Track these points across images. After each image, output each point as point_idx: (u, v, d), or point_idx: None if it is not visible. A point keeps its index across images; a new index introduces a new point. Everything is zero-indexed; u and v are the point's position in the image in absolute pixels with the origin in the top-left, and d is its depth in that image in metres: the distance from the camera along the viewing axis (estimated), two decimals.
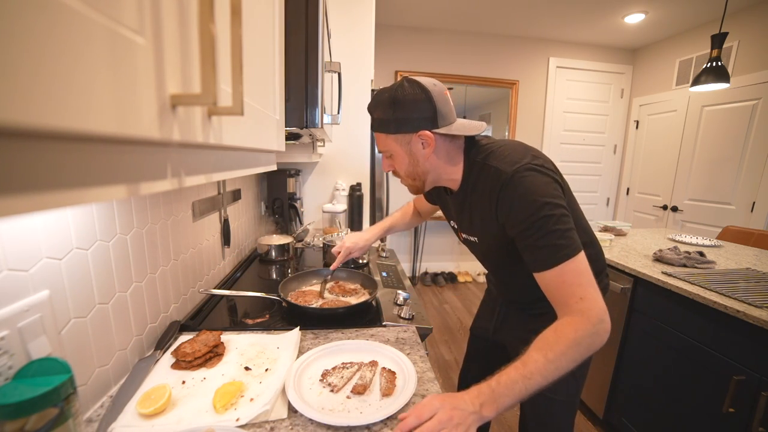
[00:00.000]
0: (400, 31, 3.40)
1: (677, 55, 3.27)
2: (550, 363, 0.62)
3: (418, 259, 3.80)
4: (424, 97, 0.75)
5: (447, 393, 0.64)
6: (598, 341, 0.66)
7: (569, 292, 0.67)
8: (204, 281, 1.15)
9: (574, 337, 0.64)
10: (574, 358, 0.64)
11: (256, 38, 0.51)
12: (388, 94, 0.77)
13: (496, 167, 0.75)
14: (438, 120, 0.76)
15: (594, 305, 0.66)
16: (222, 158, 0.43)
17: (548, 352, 0.63)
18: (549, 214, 0.68)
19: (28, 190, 0.16)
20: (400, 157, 0.81)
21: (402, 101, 0.75)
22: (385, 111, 0.77)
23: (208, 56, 0.27)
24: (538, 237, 0.69)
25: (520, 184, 0.71)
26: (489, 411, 0.60)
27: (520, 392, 0.61)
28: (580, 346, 0.64)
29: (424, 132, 0.76)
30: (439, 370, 2.22)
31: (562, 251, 0.67)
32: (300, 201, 2.13)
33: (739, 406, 1.11)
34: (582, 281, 0.67)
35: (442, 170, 0.83)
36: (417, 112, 0.75)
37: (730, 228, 2.17)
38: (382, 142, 0.81)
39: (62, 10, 0.16)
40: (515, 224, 0.72)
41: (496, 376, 0.63)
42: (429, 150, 0.78)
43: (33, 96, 0.15)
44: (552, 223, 0.68)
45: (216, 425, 0.58)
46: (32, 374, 0.45)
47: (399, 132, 0.77)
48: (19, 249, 0.51)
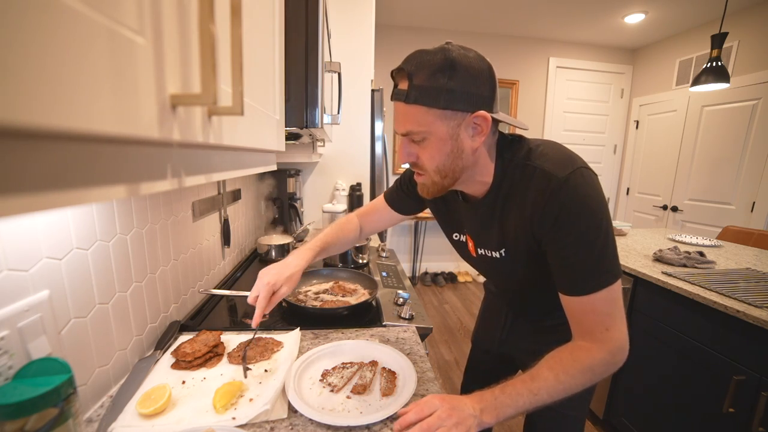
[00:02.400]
0: (400, 31, 3.40)
1: (677, 55, 3.27)
2: (559, 383, 0.60)
3: (418, 259, 3.80)
4: (486, 70, 0.59)
5: (448, 394, 0.62)
6: (612, 369, 0.62)
7: (597, 320, 0.61)
8: (204, 281, 1.15)
9: (590, 365, 0.61)
10: (584, 383, 0.61)
11: (256, 38, 0.51)
12: (441, 54, 0.58)
13: (543, 169, 0.62)
14: (495, 104, 0.61)
15: (619, 336, 0.61)
16: (222, 158, 0.43)
17: (560, 373, 0.60)
18: (603, 232, 0.59)
19: (28, 190, 0.16)
20: (440, 142, 0.61)
21: (463, 67, 0.57)
22: (434, 76, 0.57)
23: (208, 56, 0.27)
24: (583, 256, 0.59)
25: (576, 190, 0.59)
26: (489, 418, 0.58)
27: (523, 406, 0.59)
28: (593, 374, 0.61)
29: (482, 113, 0.59)
30: (439, 370, 2.22)
31: (604, 277, 0.59)
32: (300, 201, 2.13)
33: (739, 406, 1.11)
34: (613, 311, 0.61)
35: (480, 167, 0.67)
36: (476, 86, 0.58)
37: (730, 228, 2.17)
38: (418, 118, 0.60)
39: (63, 11, 0.16)
40: (558, 236, 0.60)
41: (501, 386, 0.61)
42: (480, 139, 0.62)
43: (33, 96, 0.15)
44: (601, 242, 0.59)
45: (216, 425, 0.58)
46: (32, 374, 0.45)
47: (450, 107, 0.58)
48: (19, 249, 0.51)
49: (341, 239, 0.94)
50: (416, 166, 0.67)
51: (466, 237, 0.80)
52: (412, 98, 0.59)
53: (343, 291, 1.15)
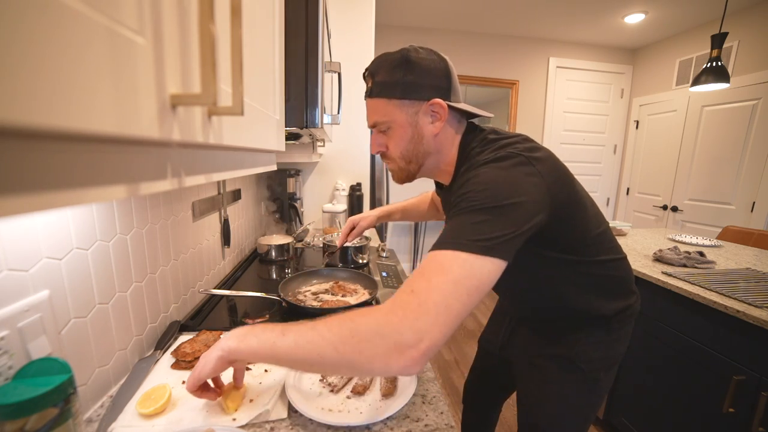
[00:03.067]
0: (400, 31, 3.40)
1: (677, 55, 3.27)
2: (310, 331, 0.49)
3: (418, 259, 3.79)
4: (441, 66, 0.66)
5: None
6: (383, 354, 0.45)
7: (415, 277, 0.50)
8: (204, 281, 1.15)
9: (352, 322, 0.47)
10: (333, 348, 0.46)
11: (256, 38, 0.51)
12: (399, 54, 0.66)
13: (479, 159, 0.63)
14: (451, 94, 0.67)
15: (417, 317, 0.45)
16: (222, 158, 0.43)
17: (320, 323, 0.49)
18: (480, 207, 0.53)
19: (29, 190, 0.16)
20: (401, 129, 0.68)
21: (416, 63, 0.64)
22: (391, 72, 0.65)
23: (208, 56, 0.27)
24: (455, 222, 0.54)
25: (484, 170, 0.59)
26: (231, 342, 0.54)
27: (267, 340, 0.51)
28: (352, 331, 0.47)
29: (438, 100, 0.65)
30: (439, 370, 2.22)
31: (450, 239, 0.51)
32: (300, 201, 2.13)
33: (739, 406, 1.11)
34: (437, 281, 0.47)
35: (443, 155, 0.72)
36: (431, 79, 0.65)
37: (730, 228, 2.17)
38: (381, 109, 0.68)
39: (63, 11, 0.16)
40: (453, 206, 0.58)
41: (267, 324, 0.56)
42: (439, 125, 0.67)
43: (33, 96, 0.15)
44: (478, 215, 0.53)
45: (216, 425, 0.58)
46: (32, 374, 0.45)
47: (407, 97, 0.65)
48: (19, 249, 0.51)
49: (419, 207, 1.14)
50: (385, 156, 0.74)
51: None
52: (375, 93, 0.68)
53: (343, 291, 1.15)
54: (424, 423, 0.63)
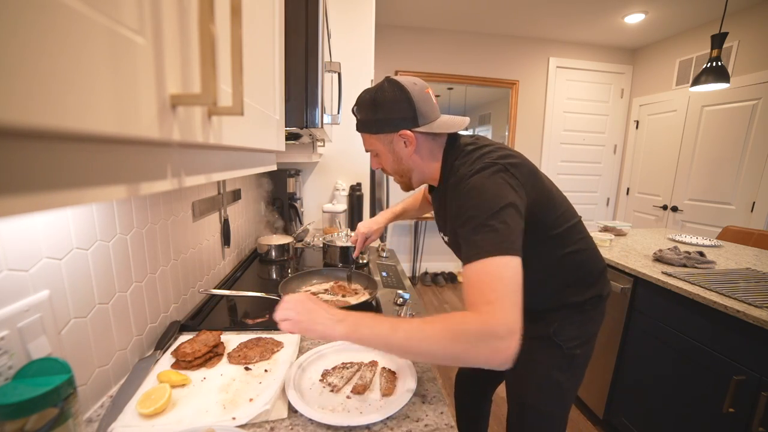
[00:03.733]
0: (400, 31, 3.40)
1: (677, 55, 3.27)
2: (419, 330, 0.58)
3: (418, 259, 3.80)
4: (403, 98, 0.77)
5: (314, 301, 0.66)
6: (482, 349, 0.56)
7: (478, 292, 0.59)
8: (204, 281, 1.15)
9: (456, 327, 0.57)
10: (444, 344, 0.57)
11: (256, 38, 0.51)
12: (369, 95, 0.79)
13: (460, 171, 0.74)
14: (418, 119, 0.78)
15: (500, 315, 0.56)
16: (222, 158, 0.43)
17: (427, 323, 0.58)
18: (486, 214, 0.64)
19: (28, 190, 0.16)
20: (385, 155, 0.84)
21: (382, 102, 0.78)
22: (367, 112, 0.80)
23: (208, 56, 0.27)
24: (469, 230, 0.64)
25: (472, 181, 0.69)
26: (343, 328, 0.61)
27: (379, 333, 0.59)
28: (455, 334, 0.56)
29: (405, 132, 0.78)
30: (439, 370, 2.22)
31: (483, 249, 0.61)
32: (300, 201, 2.13)
33: (739, 406, 1.11)
34: (498, 287, 0.59)
35: (426, 168, 0.85)
36: (397, 113, 0.77)
37: (730, 228, 2.17)
38: (367, 141, 0.85)
39: (62, 10, 0.16)
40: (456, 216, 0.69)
41: (374, 314, 0.64)
42: (411, 148, 0.80)
43: (33, 96, 0.15)
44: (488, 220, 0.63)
45: (216, 425, 0.58)
46: (32, 374, 0.45)
47: (381, 132, 0.80)
48: (19, 249, 0.51)
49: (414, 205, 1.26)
50: (384, 171, 0.90)
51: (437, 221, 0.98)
52: (360, 128, 0.84)
53: (343, 291, 1.15)
54: (424, 423, 0.63)
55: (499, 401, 1.92)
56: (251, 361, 0.78)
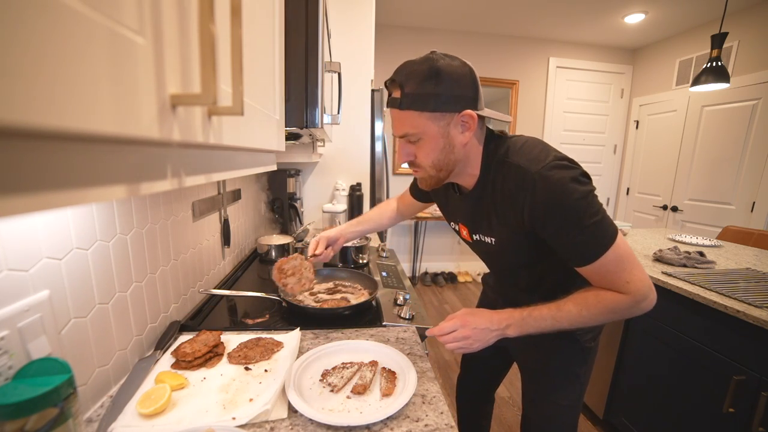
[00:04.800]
0: (400, 31, 3.41)
1: (677, 55, 3.27)
2: (581, 317, 0.69)
3: (418, 259, 3.80)
4: (467, 73, 0.68)
5: (479, 310, 0.74)
6: (636, 312, 0.70)
7: (615, 278, 0.68)
8: (204, 281, 1.15)
9: (613, 307, 0.68)
10: (604, 321, 0.71)
11: (256, 38, 0.51)
12: (428, 64, 0.66)
13: (519, 165, 0.69)
14: (478, 101, 0.70)
15: (640, 286, 0.67)
16: (222, 158, 0.43)
17: (583, 309, 0.69)
18: (583, 210, 0.65)
19: (29, 190, 0.16)
20: (433, 141, 0.70)
21: (447, 74, 0.66)
22: (422, 84, 0.66)
23: (208, 56, 0.27)
24: (575, 234, 0.66)
25: (548, 183, 0.66)
26: (513, 332, 0.72)
27: (545, 329, 0.71)
28: (615, 314, 0.69)
29: (468, 112, 0.68)
30: (439, 370, 2.22)
31: (601, 243, 0.66)
32: (300, 201, 2.13)
33: (739, 406, 1.11)
34: (625, 266, 0.67)
35: (470, 161, 0.76)
36: (461, 89, 0.67)
37: (730, 228, 2.17)
38: (411, 121, 0.69)
39: (63, 11, 0.16)
40: (549, 225, 0.68)
41: (530, 309, 0.72)
42: (468, 134, 0.70)
43: (33, 96, 0.15)
44: (587, 216, 0.65)
45: (216, 425, 0.58)
46: (32, 374, 0.45)
47: (439, 110, 0.67)
48: (19, 249, 0.51)
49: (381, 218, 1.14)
50: (414, 165, 0.76)
51: (459, 226, 0.90)
52: (405, 105, 0.68)
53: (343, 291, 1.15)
54: (424, 423, 0.63)
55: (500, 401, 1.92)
56: (251, 361, 0.78)
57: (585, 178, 0.67)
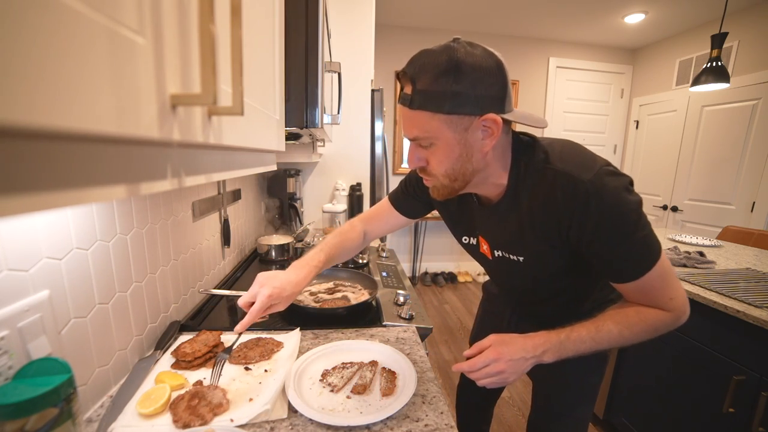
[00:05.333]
0: (400, 31, 3.40)
1: (677, 55, 3.27)
2: (621, 337, 0.64)
3: (418, 259, 3.80)
4: (495, 69, 0.56)
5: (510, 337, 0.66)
6: (673, 327, 0.67)
7: (659, 295, 0.64)
8: (204, 281, 1.15)
9: (654, 326, 0.65)
10: (645, 338, 0.66)
11: (256, 38, 0.51)
12: (445, 55, 0.55)
13: (566, 173, 0.60)
14: (506, 103, 0.58)
15: (683, 301, 0.65)
16: (222, 158, 0.43)
17: (624, 329, 0.64)
18: (638, 222, 0.59)
19: (29, 190, 0.16)
20: (448, 147, 0.59)
21: (468, 69, 0.54)
22: (437, 80, 0.55)
23: (208, 56, 0.27)
24: (624, 249, 0.60)
25: (603, 194, 0.58)
26: (550, 358, 0.64)
27: (583, 351, 0.65)
28: (656, 332, 0.66)
29: (491, 116, 0.56)
30: (439, 370, 2.22)
31: (649, 258, 0.61)
32: (300, 201, 2.13)
33: (739, 406, 1.11)
34: (669, 282, 0.63)
35: (493, 170, 0.65)
36: (484, 87, 0.55)
37: (730, 228, 2.17)
38: (424, 124, 0.58)
39: (63, 11, 0.16)
40: (597, 240, 0.60)
41: (567, 331, 0.65)
42: (490, 142, 0.59)
43: (33, 96, 0.15)
44: (638, 230, 0.59)
45: (216, 425, 0.58)
46: (32, 374, 0.45)
47: (456, 112, 0.56)
48: (19, 249, 0.51)
49: (345, 248, 0.90)
50: (424, 171, 0.66)
51: (479, 239, 0.78)
52: (416, 104, 0.57)
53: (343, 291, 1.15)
54: (424, 423, 0.63)
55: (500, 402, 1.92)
56: (251, 361, 0.78)
57: (632, 186, 0.61)
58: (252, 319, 0.67)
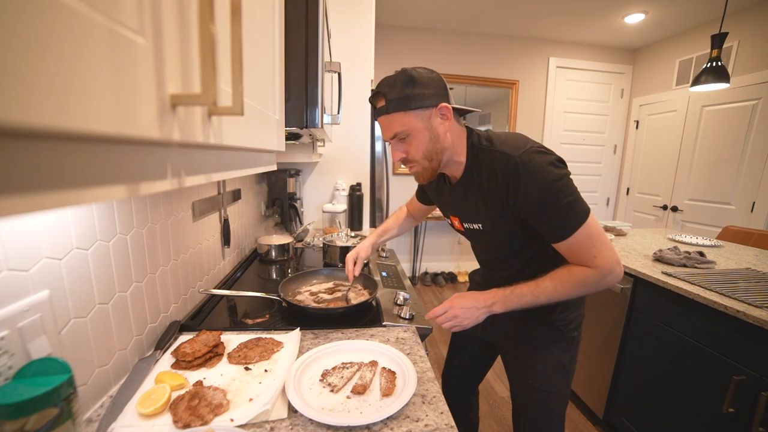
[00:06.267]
0: (400, 31, 3.40)
1: (677, 55, 3.27)
2: (556, 292, 0.80)
3: (418, 259, 3.80)
4: (436, 76, 0.81)
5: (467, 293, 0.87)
6: (604, 285, 0.79)
7: (584, 253, 0.77)
8: (204, 281, 1.15)
9: (582, 280, 0.78)
10: (577, 293, 0.80)
11: (256, 38, 0.51)
12: (402, 76, 0.79)
13: (503, 151, 0.80)
14: (450, 98, 0.82)
15: (606, 261, 0.77)
16: (222, 158, 0.43)
17: (558, 284, 0.80)
18: (559, 190, 0.74)
19: (28, 190, 0.16)
20: (420, 134, 0.81)
21: (419, 78, 0.79)
22: (402, 89, 0.78)
23: (208, 56, 0.27)
24: (552, 212, 0.75)
25: (529, 166, 0.75)
26: (498, 308, 0.83)
27: (526, 303, 0.81)
28: (585, 287, 0.79)
29: (443, 105, 0.79)
30: (438, 370, 2.21)
31: (574, 221, 0.75)
32: (300, 201, 2.13)
33: (739, 406, 1.11)
34: (594, 243, 0.77)
35: (454, 150, 0.85)
36: (434, 88, 0.79)
37: (730, 228, 2.17)
38: (398, 122, 0.80)
39: (63, 11, 0.16)
40: (529, 205, 0.77)
41: (511, 288, 0.83)
42: (448, 123, 0.82)
43: (33, 96, 0.15)
44: (562, 196, 0.74)
45: (216, 425, 0.58)
46: (32, 374, 0.45)
47: (420, 107, 0.79)
48: (19, 249, 0.51)
49: (397, 223, 1.25)
50: (407, 161, 0.86)
51: (452, 217, 0.98)
52: (392, 108, 0.79)
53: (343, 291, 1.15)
54: (424, 423, 0.63)
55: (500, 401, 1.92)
56: (251, 361, 0.78)
57: (561, 163, 0.77)
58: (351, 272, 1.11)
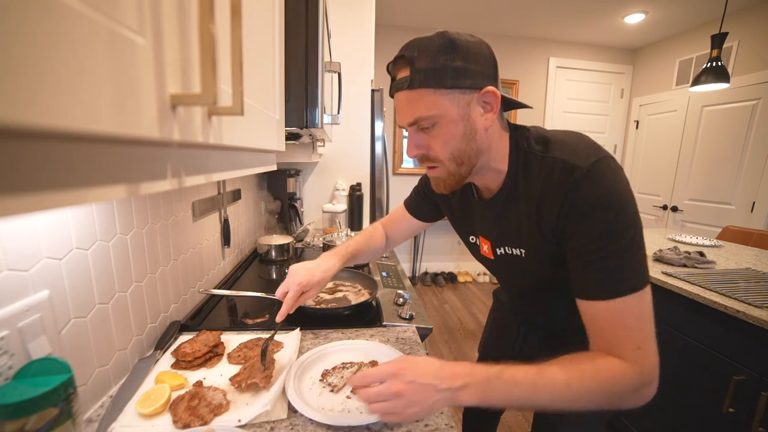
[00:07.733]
0: (400, 31, 3.40)
1: (677, 55, 3.27)
2: (568, 390, 0.51)
3: (418, 259, 3.80)
4: (485, 49, 0.58)
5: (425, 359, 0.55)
6: (634, 400, 0.53)
7: (626, 335, 0.52)
8: (204, 281, 1.15)
9: (612, 381, 0.51)
10: (597, 401, 0.51)
11: (256, 38, 0.51)
12: (440, 38, 0.55)
13: (564, 160, 0.56)
14: (498, 82, 0.59)
15: (652, 361, 0.53)
16: (222, 158, 0.43)
17: (573, 379, 0.51)
18: (631, 227, 0.53)
19: (29, 190, 0.16)
20: (451, 125, 0.57)
21: (464, 47, 0.55)
22: (437, 57, 0.55)
23: (208, 56, 0.27)
24: (608, 252, 0.52)
25: (600, 181, 0.53)
26: (468, 398, 0.51)
27: (515, 400, 0.51)
28: (612, 394, 0.52)
29: (491, 88, 0.56)
30: None
31: (630, 280, 0.52)
32: (300, 201, 2.13)
33: (739, 406, 1.11)
34: (644, 326, 0.53)
35: (494, 152, 0.62)
36: (480, 64, 0.56)
37: (730, 228, 2.17)
38: (425, 101, 0.56)
39: (63, 11, 0.16)
40: (581, 230, 0.54)
41: (501, 368, 0.53)
42: (491, 117, 0.58)
43: (34, 96, 0.15)
44: (629, 238, 0.52)
45: (216, 425, 0.58)
46: (32, 374, 0.45)
47: (458, 86, 0.55)
48: (19, 249, 0.51)
49: (369, 248, 0.92)
50: (428, 159, 0.62)
51: (479, 239, 0.75)
52: (417, 82, 0.56)
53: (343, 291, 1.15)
54: (424, 423, 0.63)
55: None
56: (251, 361, 0.78)
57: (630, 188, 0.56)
58: (288, 308, 0.74)
